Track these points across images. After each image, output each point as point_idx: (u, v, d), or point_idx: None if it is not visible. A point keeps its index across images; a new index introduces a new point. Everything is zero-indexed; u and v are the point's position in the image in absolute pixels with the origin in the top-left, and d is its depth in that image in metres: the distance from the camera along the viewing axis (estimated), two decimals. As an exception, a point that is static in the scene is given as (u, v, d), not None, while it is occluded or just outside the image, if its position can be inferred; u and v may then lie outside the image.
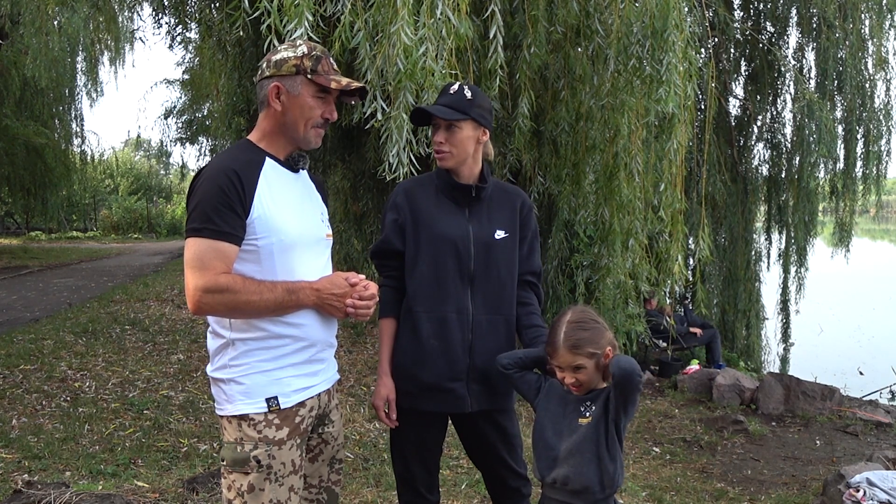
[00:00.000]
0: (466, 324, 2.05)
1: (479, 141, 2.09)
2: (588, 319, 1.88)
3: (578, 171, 4.75)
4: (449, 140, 2.04)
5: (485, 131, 2.10)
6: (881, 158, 7.93)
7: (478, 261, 2.06)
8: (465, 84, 2.10)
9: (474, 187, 2.09)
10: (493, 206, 2.14)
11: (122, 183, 30.41)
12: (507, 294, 2.11)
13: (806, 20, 7.74)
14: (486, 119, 2.09)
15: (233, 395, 1.71)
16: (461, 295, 2.05)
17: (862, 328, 11.18)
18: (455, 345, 2.04)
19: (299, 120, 1.76)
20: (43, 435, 4.05)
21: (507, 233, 2.11)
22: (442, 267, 2.05)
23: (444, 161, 2.07)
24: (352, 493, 3.46)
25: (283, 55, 1.75)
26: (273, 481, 1.68)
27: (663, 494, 4.00)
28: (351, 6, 2.87)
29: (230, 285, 1.63)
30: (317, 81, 1.74)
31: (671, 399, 6.55)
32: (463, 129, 2.04)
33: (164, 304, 8.41)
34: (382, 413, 2.09)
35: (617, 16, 3.93)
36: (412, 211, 2.09)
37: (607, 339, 1.86)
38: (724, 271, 8.56)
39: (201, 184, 1.68)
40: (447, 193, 2.11)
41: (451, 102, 2.04)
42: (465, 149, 2.06)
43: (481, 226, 2.09)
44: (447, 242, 2.05)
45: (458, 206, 2.10)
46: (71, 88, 15.94)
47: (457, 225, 2.07)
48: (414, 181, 2.22)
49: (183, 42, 9.57)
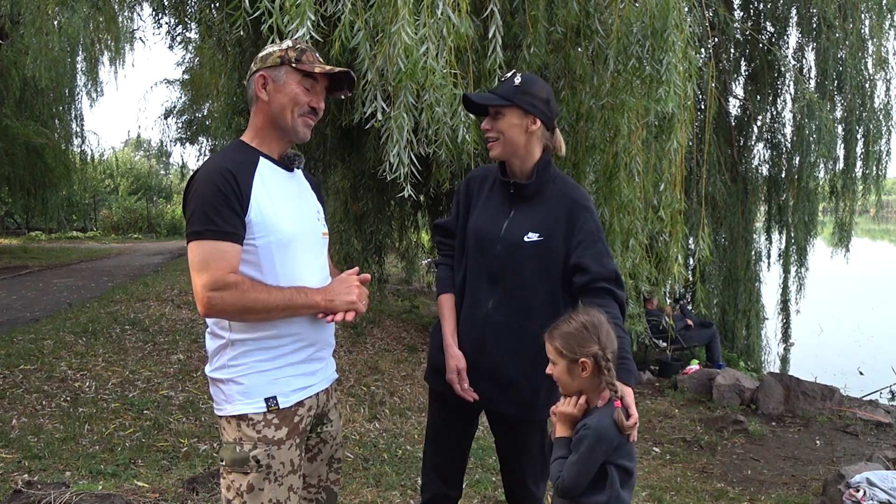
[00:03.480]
0: (479, 321, 2.03)
1: (528, 130, 1.99)
2: (582, 322, 1.74)
3: (578, 171, 4.74)
4: (494, 127, 2.00)
5: (535, 120, 1.98)
6: (881, 158, 7.94)
7: (500, 261, 2.01)
8: (520, 73, 2.03)
9: (513, 184, 2.03)
10: (542, 209, 2.01)
11: (122, 183, 30.39)
12: (534, 300, 1.99)
13: (806, 20, 7.74)
14: (536, 108, 1.98)
15: (231, 395, 1.71)
16: (482, 292, 2.04)
17: (862, 328, 11.18)
18: (467, 341, 2.04)
19: (286, 107, 1.75)
20: (43, 435, 4.05)
21: (540, 236, 1.98)
22: (472, 260, 2.07)
23: (492, 149, 2.03)
24: (352, 493, 3.45)
25: (269, 50, 1.79)
26: (272, 481, 1.68)
27: (663, 494, 4.00)
28: (351, 6, 2.86)
29: (239, 282, 1.63)
30: (300, 69, 1.75)
31: (671, 399, 6.55)
32: (506, 115, 1.98)
33: (164, 304, 8.40)
34: (458, 386, 2.01)
35: (617, 16, 3.93)
36: (467, 199, 2.12)
37: (589, 349, 1.71)
38: (724, 271, 8.56)
39: (197, 186, 1.67)
40: (499, 188, 2.09)
41: (498, 90, 2.02)
42: (513, 137, 1.98)
43: (517, 226, 2.01)
44: (476, 238, 2.05)
45: (504, 203, 2.06)
46: (71, 88, 15.93)
47: (492, 221, 2.04)
48: (483, 170, 2.20)
49: (183, 42, 9.57)
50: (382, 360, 6.58)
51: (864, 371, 8.75)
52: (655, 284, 4.99)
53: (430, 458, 2.21)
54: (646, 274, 4.78)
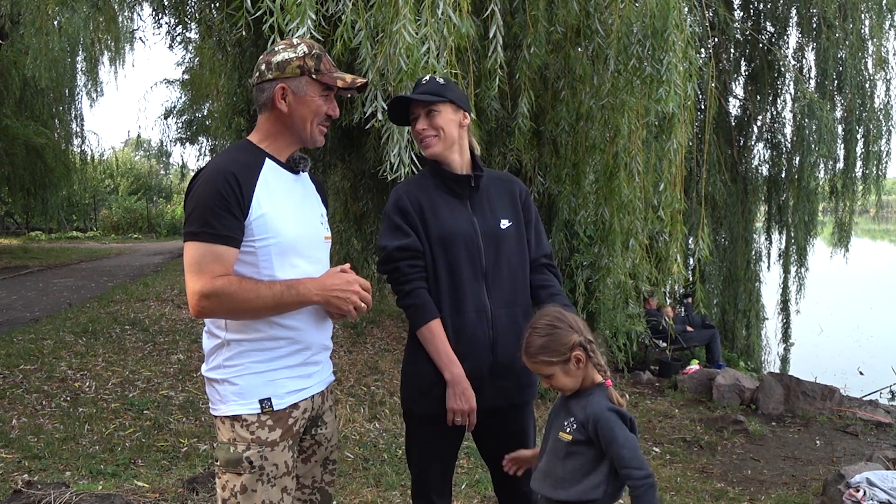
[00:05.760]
0: (486, 321, 2.02)
1: (461, 125, 2.06)
2: (545, 325, 1.75)
3: (578, 171, 4.75)
4: (431, 125, 2.02)
5: (465, 115, 2.07)
6: (881, 158, 7.94)
7: (488, 254, 2.03)
8: (434, 75, 2.11)
9: (472, 177, 2.07)
10: (493, 196, 2.10)
11: (122, 183, 30.37)
12: (519, 283, 2.08)
13: (806, 20, 7.75)
14: (464, 103, 2.08)
15: (226, 395, 1.71)
16: (478, 293, 2.02)
17: (861, 328, 11.18)
18: (479, 343, 2.01)
19: (307, 118, 1.76)
20: (43, 435, 4.05)
21: (511, 221, 2.08)
22: (456, 268, 2.01)
23: (432, 146, 2.03)
24: (352, 493, 3.45)
25: (285, 56, 1.73)
26: (265, 482, 1.68)
27: (663, 494, 4.00)
28: (352, 5, 2.86)
29: (225, 288, 1.62)
30: (322, 81, 1.74)
31: (671, 399, 6.55)
32: (442, 112, 2.02)
33: (164, 304, 8.41)
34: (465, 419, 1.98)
35: (617, 16, 3.93)
36: (419, 213, 2.03)
37: (571, 342, 1.73)
38: (724, 271, 8.57)
39: (199, 186, 1.67)
40: (446, 188, 2.07)
41: (425, 90, 2.04)
42: (450, 132, 2.03)
43: (485, 217, 2.06)
44: (457, 240, 2.01)
45: (459, 200, 2.07)
46: (71, 88, 15.94)
47: (463, 220, 2.04)
48: (409, 184, 2.14)
49: (183, 42, 9.57)
50: (382, 360, 6.58)
51: (864, 371, 8.75)
52: (655, 284, 4.99)
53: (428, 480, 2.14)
54: (646, 274, 4.78)
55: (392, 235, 2.02)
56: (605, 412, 1.69)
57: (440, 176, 2.07)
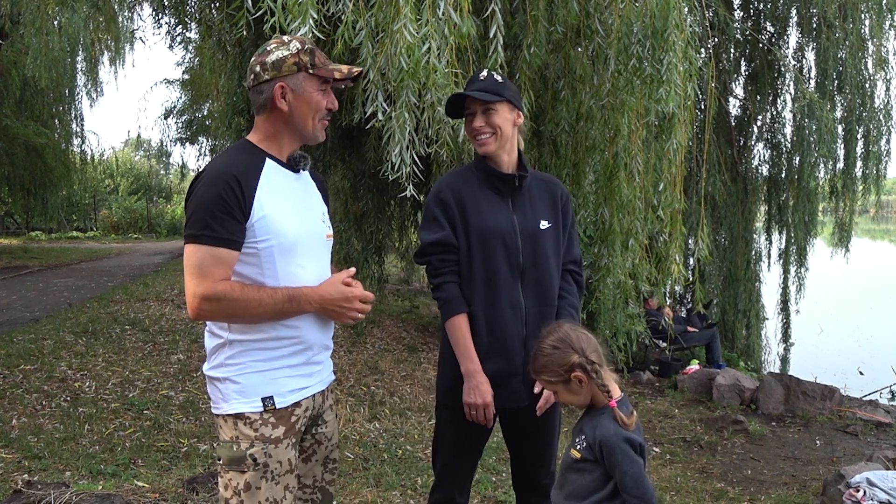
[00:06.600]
0: (520, 318, 2.04)
1: (515, 124, 2.08)
2: (549, 345, 1.77)
3: (578, 171, 4.75)
4: (488, 123, 2.03)
5: (519, 114, 2.09)
6: (881, 158, 7.94)
7: (525, 253, 2.05)
8: (492, 70, 2.10)
9: (517, 176, 2.08)
10: (535, 196, 2.12)
11: (122, 183, 30.35)
12: (554, 284, 2.10)
13: (806, 20, 7.75)
14: (519, 102, 2.09)
15: (228, 393, 1.71)
16: (513, 289, 2.04)
17: (861, 328, 11.18)
18: (512, 340, 2.03)
19: (308, 115, 1.75)
20: (43, 435, 4.05)
21: (550, 223, 2.10)
22: (492, 263, 2.03)
23: (487, 145, 2.04)
24: (352, 493, 3.45)
25: (279, 55, 1.72)
26: (269, 479, 1.68)
27: (663, 494, 4.00)
28: (353, 5, 2.86)
29: (228, 293, 1.62)
30: (319, 74, 1.74)
31: (671, 399, 6.55)
32: (499, 111, 2.03)
33: (164, 304, 8.40)
34: (481, 414, 2.01)
35: (617, 16, 3.93)
36: (459, 206, 2.05)
37: (570, 363, 1.73)
38: (724, 271, 8.57)
39: (199, 189, 1.66)
40: (490, 184, 2.08)
41: (484, 87, 2.04)
42: (506, 131, 2.04)
43: (525, 217, 2.08)
44: (496, 236, 2.03)
45: (501, 198, 2.08)
46: (71, 88, 15.92)
47: (503, 217, 2.06)
48: (454, 175, 2.16)
49: (183, 42, 9.55)
50: (382, 360, 6.58)
51: (864, 371, 8.75)
52: (655, 284, 4.99)
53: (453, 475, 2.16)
54: (646, 274, 4.78)
55: (428, 228, 2.08)
56: (612, 438, 1.70)
57: (486, 172, 2.09)
